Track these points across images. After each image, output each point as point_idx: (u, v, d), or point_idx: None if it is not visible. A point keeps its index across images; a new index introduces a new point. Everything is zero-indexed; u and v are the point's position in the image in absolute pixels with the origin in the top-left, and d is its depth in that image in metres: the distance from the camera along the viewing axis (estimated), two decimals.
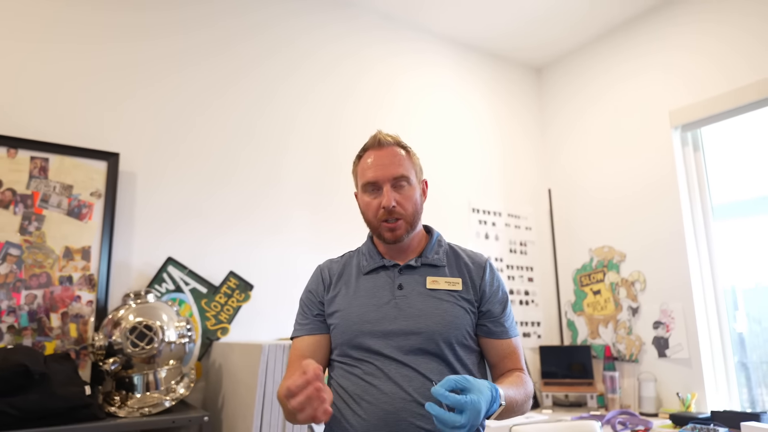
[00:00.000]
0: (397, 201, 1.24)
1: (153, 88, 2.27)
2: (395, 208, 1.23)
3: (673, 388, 2.64)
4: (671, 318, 2.69)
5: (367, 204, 1.28)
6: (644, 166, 2.90)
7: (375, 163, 1.26)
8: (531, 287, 3.24)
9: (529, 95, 3.54)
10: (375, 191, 1.27)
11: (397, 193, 1.25)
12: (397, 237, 1.26)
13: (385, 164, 1.26)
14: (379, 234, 1.28)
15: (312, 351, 1.27)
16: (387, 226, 1.25)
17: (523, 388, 1.19)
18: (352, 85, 2.83)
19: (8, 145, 1.92)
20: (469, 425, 0.94)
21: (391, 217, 1.24)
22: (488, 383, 1.03)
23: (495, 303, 1.27)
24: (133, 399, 1.77)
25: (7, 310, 1.85)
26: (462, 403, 0.94)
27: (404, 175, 1.26)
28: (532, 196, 3.39)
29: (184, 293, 2.17)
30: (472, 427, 0.95)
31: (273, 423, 1.72)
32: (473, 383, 0.99)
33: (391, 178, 1.25)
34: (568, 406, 2.91)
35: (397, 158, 1.27)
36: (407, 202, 1.25)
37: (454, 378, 0.98)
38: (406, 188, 1.26)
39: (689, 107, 2.72)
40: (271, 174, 2.49)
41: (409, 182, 1.27)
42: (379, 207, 1.24)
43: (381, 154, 1.27)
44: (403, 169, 1.26)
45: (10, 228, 1.89)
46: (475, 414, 0.94)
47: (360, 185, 1.31)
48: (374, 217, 1.27)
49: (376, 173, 1.25)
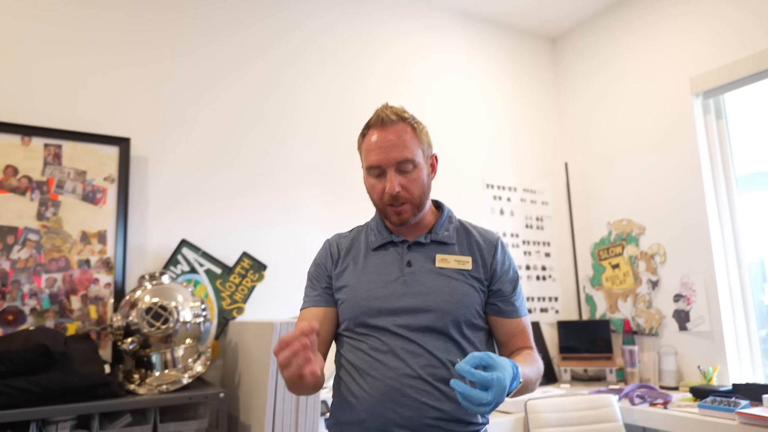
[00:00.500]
0: (402, 185, 1.20)
1: (161, 73, 2.29)
2: (400, 193, 1.19)
3: (695, 361, 2.60)
4: (692, 291, 2.64)
5: (372, 186, 1.25)
6: (664, 136, 2.82)
7: (378, 145, 1.20)
8: (548, 262, 3.20)
9: (544, 67, 3.46)
10: (379, 175, 1.23)
11: (402, 177, 1.20)
12: (403, 220, 1.23)
13: (389, 147, 1.19)
14: (385, 217, 1.27)
15: (318, 322, 1.27)
16: (393, 209, 1.22)
17: (535, 366, 1.19)
18: (364, 65, 2.80)
19: (22, 132, 1.97)
20: (494, 402, 0.93)
21: (396, 201, 1.21)
22: (509, 360, 1.01)
23: (506, 282, 1.26)
24: (152, 377, 1.82)
25: (29, 293, 1.91)
26: (489, 380, 0.93)
27: (409, 158, 1.19)
28: (548, 171, 3.33)
29: (198, 274, 2.21)
30: (497, 405, 0.95)
31: (287, 399, 1.75)
32: (497, 360, 0.97)
33: (395, 162, 1.19)
34: (587, 380, 2.89)
35: (401, 139, 1.20)
36: (413, 186, 1.21)
37: (478, 355, 0.97)
38: (412, 171, 1.21)
39: (711, 73, 2.62)
40: (280, 155, 2.50)
41: (414, 164, 1.21)
42: (384, 191, 1.21)
43: (385, 134, 1.21)
44: (407, 152, 1.19)
45: (28, 214, 1.95)
46: (500, 391, 0.93)
47: (364, 167, 1.26)
48: (379, 200, 1.24)
49: (379, 157, 1.20)
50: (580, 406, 2.29)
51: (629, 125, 3.01)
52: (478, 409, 0.93)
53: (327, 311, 1.29)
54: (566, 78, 3.42)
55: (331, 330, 1.29)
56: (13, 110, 1.98)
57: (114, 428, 1.68)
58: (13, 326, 1.86)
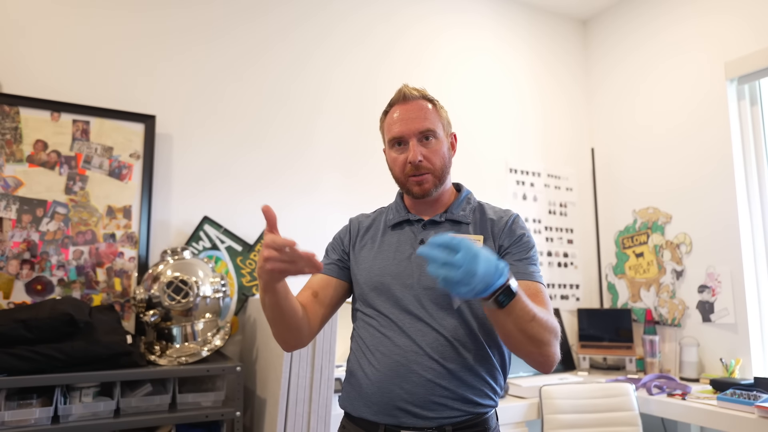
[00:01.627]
0: (424, 155, 1.23)
1: (188, 53, 2.32)
2: (422, 162, 1.22)
3: (717, 353, 2.55)
4: (718, 282, 2.58)
5: (393, 159, 1.27)
6: (696, 123, 2.73)
7: (401, 118, 1.25)
8: (570, 249, 3.16)
9: (574, 50, 3.37)
10: (401, 146, 1.26)
11: (423, 148, 1.23)
12: (425, 191, 1.24)
13: (411, 118, 1.24)
14: (407, 189, 1.28)
15: (321, 286, 1.29)
16: (414, 180, 1.24)
17: (544, 312, 1.07)
18: (389, 45, 2.78)
19: (52, 108, 2.02)
20: (465, 266, 0.85)
21: (418, 171, 1.23)
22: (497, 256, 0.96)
23: (513, 248, 1.22)
24: (172, 348, 1.88)
25: (57, 264, 1.97)
26: (456, 242, 0.86)
27: (430, 128, 1.24)
28: (573, 157, 3.27)
29: (220, 251, 2.25)
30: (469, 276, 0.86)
31: (301, 374, 1.79)
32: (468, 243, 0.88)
33: (417, 132, 1.23)
34: (606, 369, 2.87)
35: (423, 112, 1.25)
36: (434, 156, 1.24)
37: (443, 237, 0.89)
38: (433, 142, 1.25)
39: (747, 57, 2.52)
40: (304, 137, 2.51)
41: (435, 136, 1.25)
42: (406, 162, 1.24)
43: (407, 108, 1.26)
44: (429, 123, 1.24)
45: (57, 188, 2.01)
46: (471, 255, 0.86)
47: (387, 141, 1.30)
48: (401, 172, 1.26)
49: (401, 128, 1.24)
50: (596, 393, 2.27)
51: (659, 111, 2.92)
52: (442, 271, 0.85)
53: (331, 280, 1.31)
54: (596, 61, 3.34)
55: (331, 296, 1.29)
56: (44, 86, 2.04)
57: (135, 396, 1.74)
58: (42, 295, 1.94)
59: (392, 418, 1.14)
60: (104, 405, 1.66)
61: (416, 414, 1.13)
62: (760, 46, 2.48)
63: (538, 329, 1.04)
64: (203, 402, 1.82)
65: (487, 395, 1.18)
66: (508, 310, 0.99)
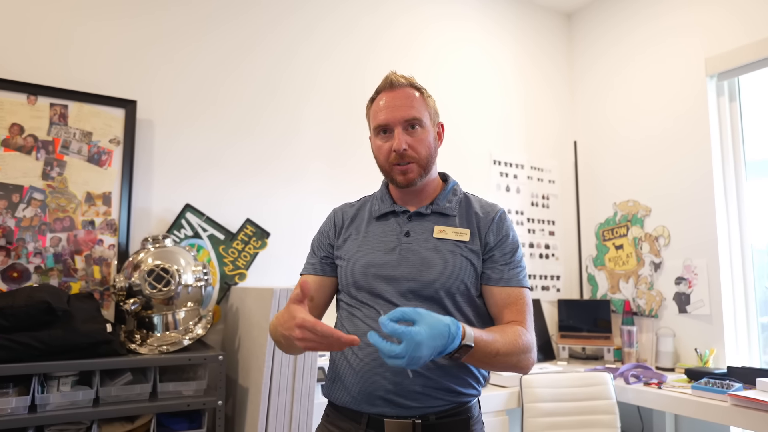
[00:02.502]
0: (409, 144, 1.21)
1: (172, 38, 2.27)
2: (407, 151, 1.20)
3: (692, 343, 2.60)
4: (694, 274, 2.63)
5: (378, 148, 1.25)
6: (676, 118, 2.77)
7: (386, 105, 1.23)
8: (552, 241, 3.20)
9: (559, 43, 3.39)
10: (387, 134, 1.24)
11: (408, 136, 1.21)
12: (409, 180, 1.23)
13: (397, 106, 1.22)
14: (391, 178, 1.26)
15: (315, 290, 1.29)
16: (399, 169, 1.22)
17: (511, 338, 1.10)
18: (376, 37, 2.77)
19: (28, 91, 1.97)
20: (407, 357, 0.91)
21: (402, 160, 1.21)
22: (450, 319, 0.99)
23: (498, 250, 1.23)
24: (153, 337, 1.86)
25: (34, 251, 1.93)
26: (399, 333, 0.91)
27: (416, 117, 1.22)
28: (556, 149, 3.30)
29: (202, 239, 2.23)
30: (414, 361, 0.92)
31: (284, 363, 1.78)
32: (423, 316, 0.95)
33: (403, 120, 1.21)
34: (585, 359, 2.92)
35: (409, 100, 1.22)
36: (419, 145, 1.22)
37: (402, 309, 0.96)
38: (419, 131, 1.22)
39: (727, 54, 2.56)
40: (290, 127, 2.49)
41: (422, 125, 1.23)
42: (390, 150, 1.21)
43: (393, 96, 1.23)
44: (415, 111, 1.22)
45: (33, 173, 1.96)
46: (413, 345, 0.91)
47: (372, 128, 1.28)
48: (386, 160, 1.24)
49: (387, 115, 1.22)
50: (575, 383, 2.31)
51: (640, 105, 2.96)
52: (389, 360, 0.92)
53: (323, 280, 1.31)
54: (579, 55, 3.36)
55: (325, 297, 1.32)
56: (20, 68, 1.98)
57: (115, 385, 1.72)
58: (18, 283, 1.89)
59: (375, 407, 1.14)
60: (83, 394, 1.63)
61: (399, 404, 1.13)
62: (740, 42, 2.52)
63: (503, 360, 1.09)
64: (184, 391, 1.80)
65: (470, 384, 1.19)
66: (468, 358, 1.04)
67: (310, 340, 0.99)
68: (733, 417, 1.92)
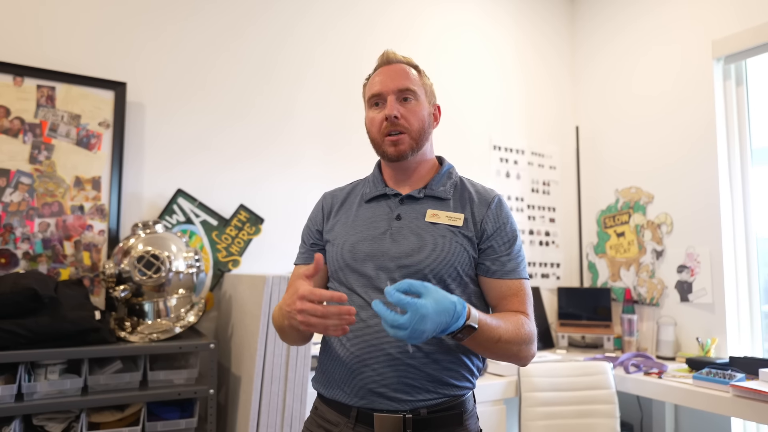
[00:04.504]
0: (401, 113, 1.18)
1: (163, 18, 2.21)
2: (398, 119, 1.17)
3: (693, 332, 2.57)
4: (697, 262, 2.58)
5: (371, 120, 1.22)
6: (681, 102, 2.71)
7: (382, 78, 1.22)
8: (552, 228, 3.15)
9: (561, 27, 3.31)
10: (380, 106, 1.21)
11: (401, 106, 1.19)
12: (400, 152, 1.18)
13: (392, 77, 1.21)
14: (382, 152, 1.22)
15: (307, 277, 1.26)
16: (390, 139, 1.18)
17: (514, 326, 1.08)
18: (374, 19, 2.69)
19: (14, 72, 1.91)
20: (410, 328, 0.89)
21: (394, 128, 1.18)
22: (456, 298, 0.97)
23: (497, 240, 1.18)
24: (144, 325, 1.82)
25: (22, 237, 1.89)
26: (405, 303, 0.89)
27: (410, 88, 1.20)
28: (557, 134, 3.24)
29: (194, 225, 2.19)
30: (417, 333, 0.90)
31: (277, 352, 1.75)
32: (431, 290, 0.94)
33: (396, 90, 1.19)
34: (584, 347, 2.88)
35: (404, 73, 1.22)
36: (412, 116, 1.19)
37: (410, 281, 0.94)
38: (413, 103, 1.20)
39: (734, 36, 2.49)
40: (286, 111, 2.43)
41: (416, 97, 1.21)
42: (383, 120, 1.19)
43: (389, 69, 1.23)
44: (409, 83, 1.20)
45: (20, 157, 1.91)
46: (417, 317, 0.89)
47: (366, 101, 1.26)
48: (378, 131, 1.20)
49: (380, 86, 1.21)
50: (574, 372, 2.28)
51: (645, 89, 2.89)
52: (392, 331, 0.90)
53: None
54: (583, 39, 3.28)
55: (320, 286, 1.27)
56: (5, 49, 1.92)
57: (104, 373, 1.68)
58: (6, 269, 1.86)
59: (365, 400, 1.10)
60: (71, 383, 1.60)
61: (389, 396, 1.09)
62: (747, 25, 2.45)
63: (504, 348, 1.07)
64: (176, 379, 1.77)
65: (464, 377, 1.14)
66: (470, 341, 1.02)
67: (310, 312, 0.97)
68: (735, 408, 1.89)
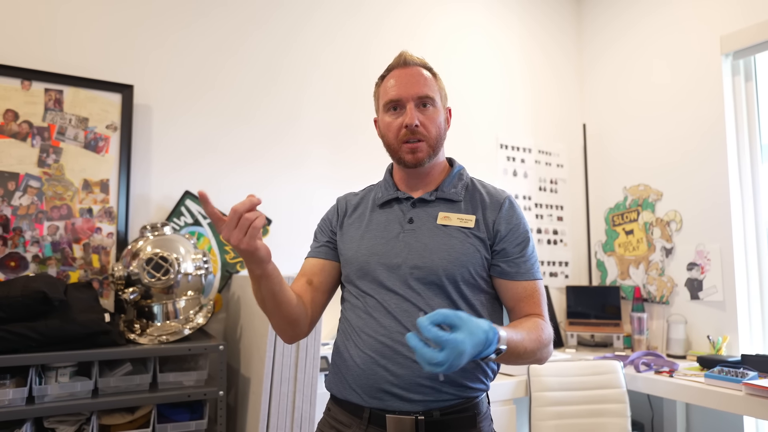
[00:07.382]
0: (421, 121, 1.17)
1: (169, 21, 2.21)
2: (418, 127, 1.17)
3: (704, 331, 2.55)
4: (707, 260, 2.56)
5: (388, 125, 1.21)
6: (689, 98, 2.69)
7: (399, 82, 1.20)
8: (560, 226, 3.13)
9: (568, 26, 3.29)
10: (397, 111, 1.20)
11: (420, 114, 1.18)
12: (418, 160, 1.19)
13: (410, 83, 1.19)
14: (399, 158, 1.22)
15: (314, 272, 1.27)
16: (408, 147, 1.18)
17: (536, 333, 1.09)
18: (381, 19, 2.69)
19: (22, 76, 1.92)
20: (448, 364, 0.86)
21: (413, 137, 1.17)
22: (487, 324, 0.94)
23: (510, 242, 1.18)
24: (153, 327, 1.82)
25: (31, 240, 1.90)
26: (443, 340, 0.86)
27: (429, 95, 1.19)
28: (564, 132, 3.22)
29: (202, 227, 2.19)
30: (453, 367, 0.87)
31: (285, 353, 1.75)
32: (465, 321, 0.90)
33: (416, 96, 1.18)
34: (594, 346, 2.87)
35: (422, 78, 1.20)
36: (431, 124, 1.19)
37: (444, 312, 0.89)
38: (431, 110, 1.20)
39: (742, 31, 2.46)
40: (292, 111, 2.43)
41: (433, 104, 1.20)
42: (401, 127, 1.18)
43: (406, 73, 1.20)
44: (428, 90, 1.19)
45: (29, 160, 1.92)
46: (455, 354, 0.86)
47: (381, 105, 1.24)
48: (395, 138, 1.20)
49: (399, 91, 1.19)
50: (584, 371, 2.26)
51: (653, 86, 2.87)
52: (429, 367, 0.87)
53: (325, 263, 1.28)
54: (590, 37, 3.27)
55: (326, 281, 1.27)
56: (13, 53, 1.93)
57: (114, 376, 1.69)
58: (16, 272, 1.86)
59: (378, 401, 1.10)
60: (81, 385, 1.60)
61: (402, 397, 1.09)
62: (755, 20, 2.43)
63: (528, 356, 1.08)
64: (185, 381, 1.77)
65: (478, 378, 1.14)
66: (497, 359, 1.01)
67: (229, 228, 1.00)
68: (748, 406, 1.87)
